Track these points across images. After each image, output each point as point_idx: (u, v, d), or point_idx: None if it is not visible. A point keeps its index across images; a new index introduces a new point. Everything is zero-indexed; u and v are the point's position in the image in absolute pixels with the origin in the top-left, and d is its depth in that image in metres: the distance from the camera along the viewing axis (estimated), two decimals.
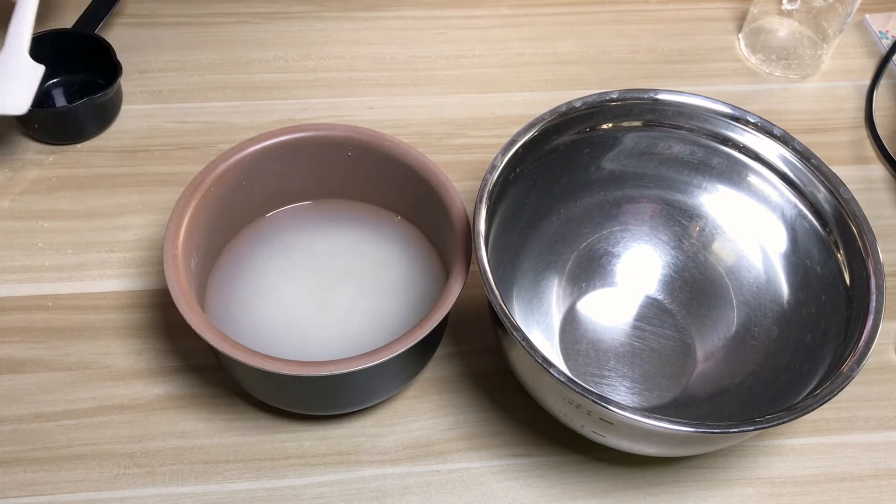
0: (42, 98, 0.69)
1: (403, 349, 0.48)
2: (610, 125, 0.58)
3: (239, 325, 0.55)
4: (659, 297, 0.61)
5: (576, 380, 0.46)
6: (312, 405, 0.54)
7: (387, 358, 0.47)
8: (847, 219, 0.53)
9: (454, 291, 0.50)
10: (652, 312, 0.60)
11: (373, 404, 0.55)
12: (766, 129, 0.57)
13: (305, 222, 0.60)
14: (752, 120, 0.57)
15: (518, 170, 0.55)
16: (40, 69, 0.63)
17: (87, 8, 0.72)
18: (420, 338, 0.48)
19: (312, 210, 0.61)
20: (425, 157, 0.56)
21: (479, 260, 0.49)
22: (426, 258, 0.59)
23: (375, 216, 0.61)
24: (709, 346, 0.58)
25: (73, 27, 0.70)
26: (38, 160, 0.67)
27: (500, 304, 0.48)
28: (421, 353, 0.54)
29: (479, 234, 0.50)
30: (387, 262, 0.59)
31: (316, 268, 0.58)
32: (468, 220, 0.53)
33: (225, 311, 0.56)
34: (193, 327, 0.48)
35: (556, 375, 0.46)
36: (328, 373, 0.47)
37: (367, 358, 0.47)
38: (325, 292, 0.57)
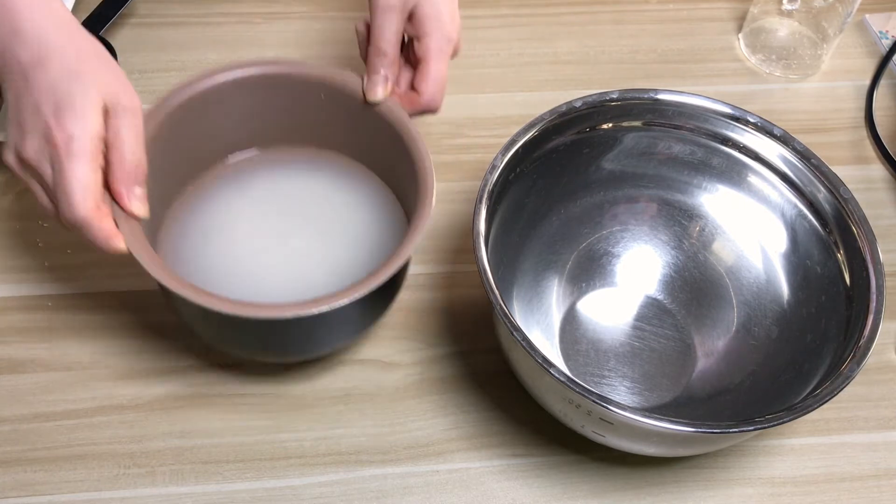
0: None
1: (353, 299, 0.46)
2: (610, 125, 0.58)
3: (192, 265, 0.53)
4: (659, 297, 0.61)
5: (576, 380, 0.46)
6: (257, 351, 0.52)
7: (339, 305, 0.46)
8: (847, 219, 0.53)
9: (410, 244, 0.48)
10: (652, 312, 0.60)
11: (325, 353, 0.54)
12: (766, 129, 0.57)
13: (270, 165, 0.58)
14: (752, 120, 0.57)
15: (518, 170, 0.55)
16: None
17: (95, 10, 0.72)
18: (370, 290, 0.46)
19: (277, 155, 0.59)
20: (400, 108, 0.54)
21: (479, 260, 0.49)
22: (389, 210, 0.57)
23: (343, 165, 0.59)
24: (709, 346, 0.58)
25: None
26: None
27: (500, 304, 0.48)
28: (374, 305, 0.52)
29: (479, 234, 0.50)
30: (350, 211, 0.57)
31: (277, 212, 0.56)
32: (433, 176, 0.51)
33: (177, 251, 0.54)
34: (142, 264, 0.46)
35: (556, 375, 0.46)
36: (268, 316, 0.45)
37: (319, 303, 0.46)
38: (283, 237, 0.55)
